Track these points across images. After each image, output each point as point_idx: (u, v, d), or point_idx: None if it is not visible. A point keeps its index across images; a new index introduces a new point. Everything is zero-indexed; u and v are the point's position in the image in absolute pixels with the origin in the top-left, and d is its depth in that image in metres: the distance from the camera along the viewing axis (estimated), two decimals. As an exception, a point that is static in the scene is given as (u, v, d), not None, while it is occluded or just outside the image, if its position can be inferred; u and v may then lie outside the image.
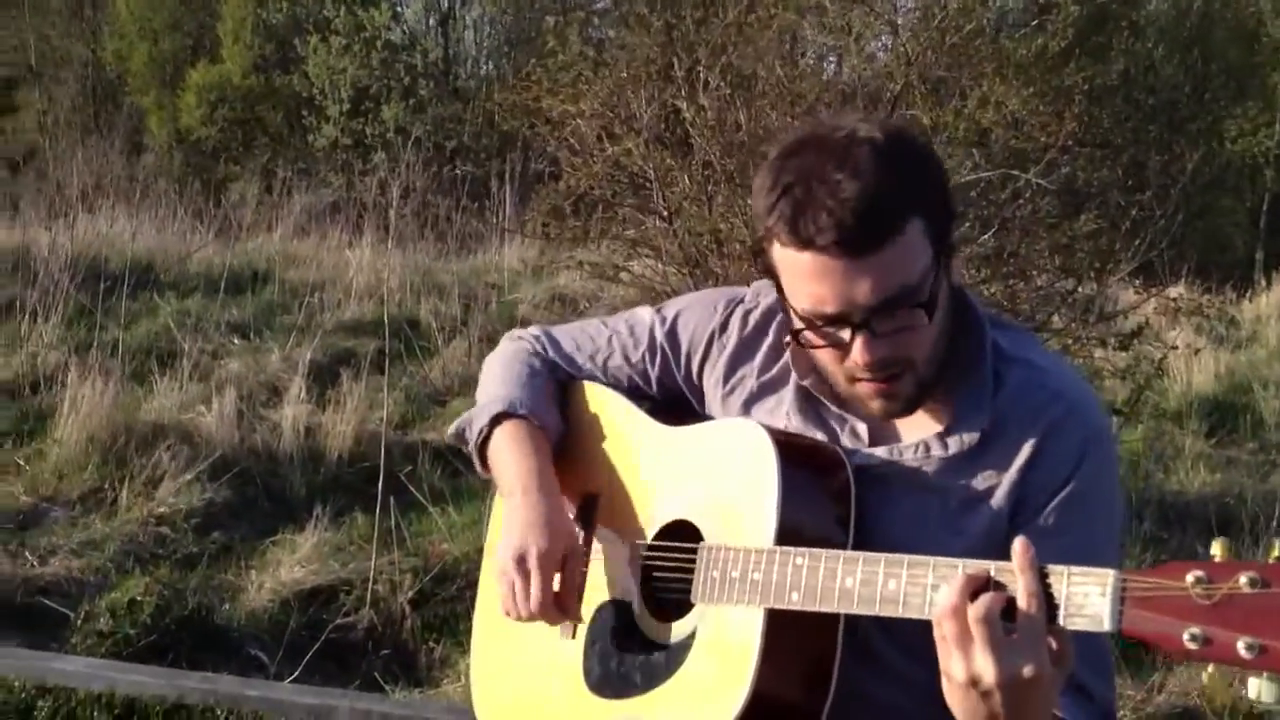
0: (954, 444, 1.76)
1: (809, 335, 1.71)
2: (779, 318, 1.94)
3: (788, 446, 1.76)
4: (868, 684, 1.75)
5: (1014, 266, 5.28)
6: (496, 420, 2.02)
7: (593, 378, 2.10)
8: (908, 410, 1.78)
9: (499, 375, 2.11)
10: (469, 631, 4.51)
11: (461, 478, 5.91)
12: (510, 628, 1.99)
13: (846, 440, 1.84)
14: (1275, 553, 1.33)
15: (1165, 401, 7.60)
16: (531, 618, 1.88)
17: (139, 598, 4.33)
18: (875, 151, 1.64)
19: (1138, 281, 6.13)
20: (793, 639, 1.68)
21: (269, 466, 5.81)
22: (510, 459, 1.98)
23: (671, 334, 2.03)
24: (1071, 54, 5.40)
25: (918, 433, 1.80)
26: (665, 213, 5.11)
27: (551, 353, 2.13)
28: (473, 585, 4.81)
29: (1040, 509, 1.73)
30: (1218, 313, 6.39)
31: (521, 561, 1.87)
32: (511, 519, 1.93)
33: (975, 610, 1.43)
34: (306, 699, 2.87)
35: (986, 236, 5.06)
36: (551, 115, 5.52)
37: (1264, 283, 13.80)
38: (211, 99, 20.03)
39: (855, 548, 1.70)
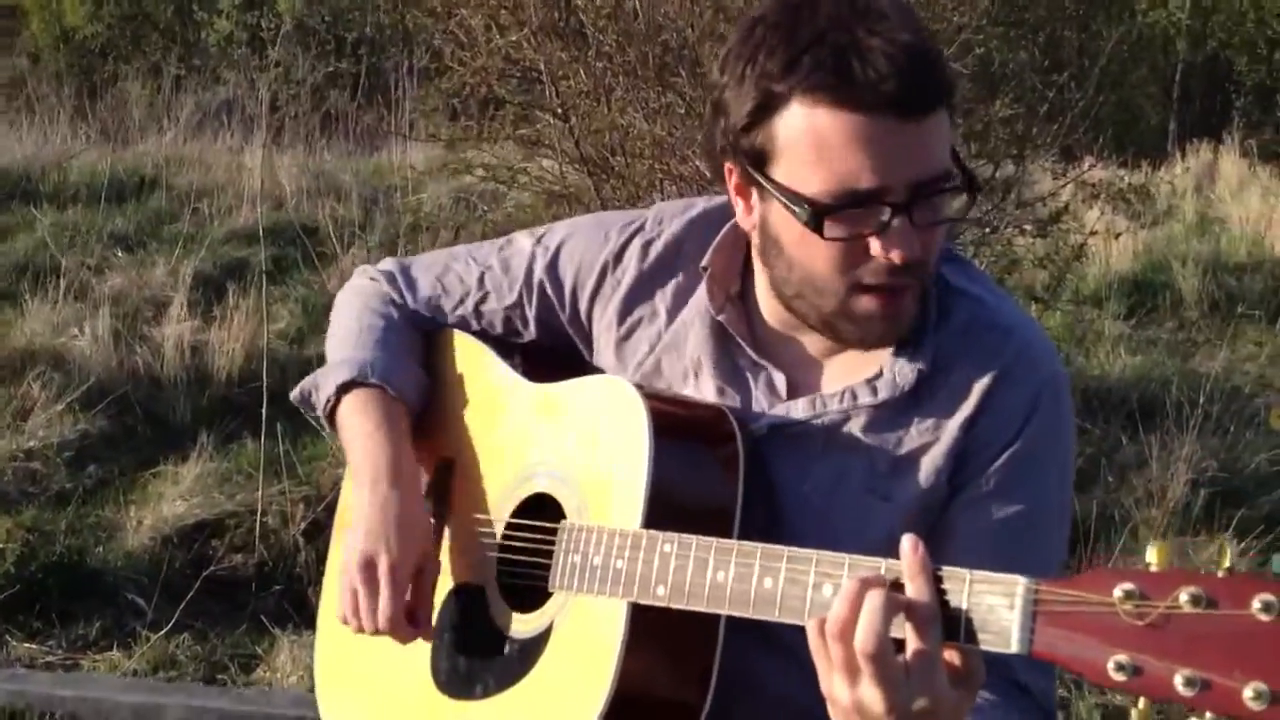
0: (885, 388, 1.49)
1: (830, 225, 1.39)
2: (685, 249, 1.64)
3: (665, 412, 1.50)
4: (765, 674, 1.51)
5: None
6: (346, 388, 1.73)
7: (461, 324, 1.81)
8: (904, 331, 1.49)
9: (351, 328, 1.80)
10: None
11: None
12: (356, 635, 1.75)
13: (761, 392, 1.57)
14: (1226, 561, 1.08)
15: (1084, 284, 7.47)
16: (375, 633, 1.62)
17: (1, 545, 4.01)
18: (905, 11, 1.39)
19: (1054, 163, 5.93)
20: (664, 636, 1.44)
21: (150, 391, 5.45)
22: (360, 441, 1.69)
23: (552, 266, 1.71)
24: (984, -74, 5.10)
25: (844, 379, 1.53)
26: (560, 109, 4.79)
27: (411, 300, 1.82)
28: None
29: (982, 469, 1.47)
30: (1136, 190, 6.20)
31: (369, 569, 1.60)
32: (361, 515, 1.65)
33: (862, 641, 1.19)
34: (131, 697, 2.60)
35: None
36: (434, 5, 5.14)
37: (1179, 155, 13.77)
38: (96, -6, 19.11)
39: (761, 522, 1.46)
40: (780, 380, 1.56)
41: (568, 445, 1.60)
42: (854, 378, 1.52)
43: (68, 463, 4.81)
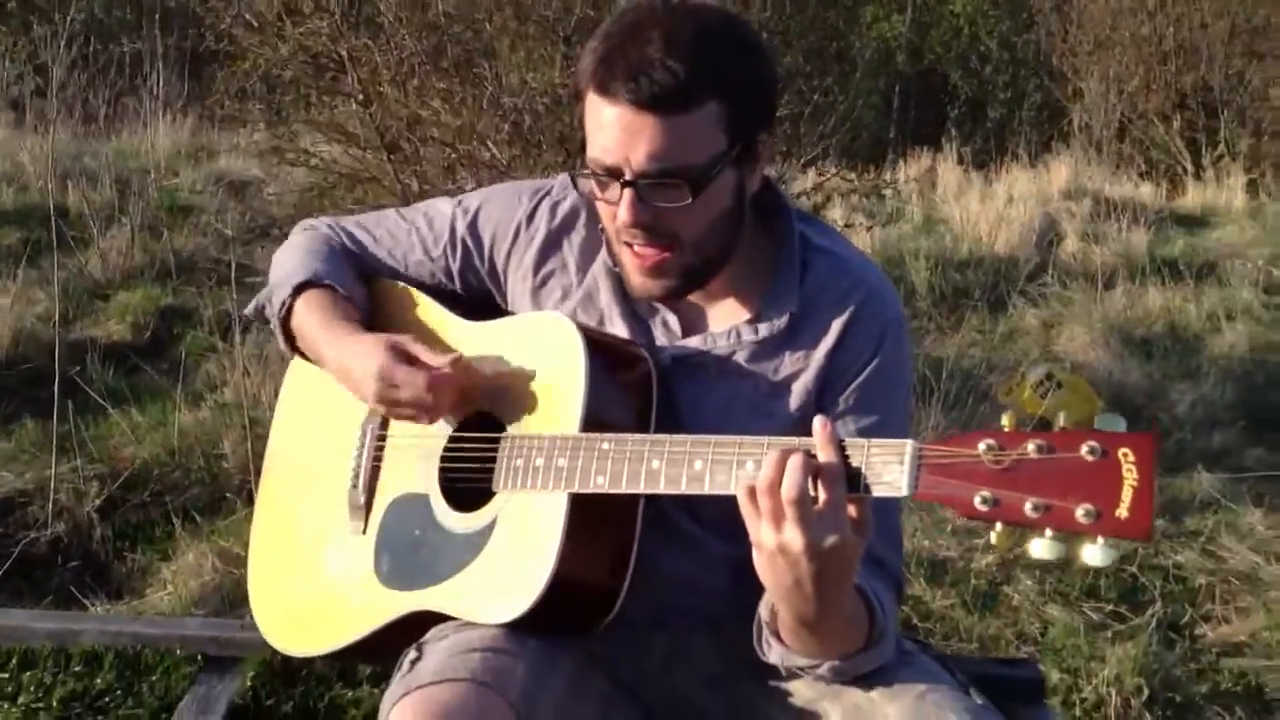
0: (764, 329, 1.83)
1: (582, 182, 1.77)
2: (585, 210, 1.93)
3: (594, 340, 1.77)
4: (663, 558, 1.80)
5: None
6: (299, 290, 1.95)
7: (393, 274, 2.04)
8: (670, 293, 1.82)
9: (298, 254, 2.02)
10: (167, 538, 4.27)
11: (141, 375, 5.59)
12: (292, 524, 1.92)
13: (659, 331, 1.88)
14: (1060, 422, 1.43)
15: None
16: (440, 401, 1.81)
17: None
18: (698, 24, 1.69)
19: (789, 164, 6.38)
20: (595, 523, 1.71)
21: (-86, 377, 5.29)
22: (318, 326, 1.92)
23: (473, 226, 1.99)
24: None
25: (728, 321, 1.86)
26: (361, 97, 4.92)
27: (348, 242, 2.06)
28: (166, 490, 4.58)
29: (841, 390, 1.83)
30: (880, 192, 6.76)
31: (387, 374, 1.81)
32: (350, 359, 1.86)
33: (788, 489, 1.49)
34: (46, 624, 2.67)
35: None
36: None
37: (901, 163, 14.72)
38: None
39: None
40: (673, 320, 1.88)
41: (508, 368, 1.83)
42: (736, 319, 1.86)
43: None
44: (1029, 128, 18.59)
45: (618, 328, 1.89)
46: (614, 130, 1.68)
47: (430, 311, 1.99)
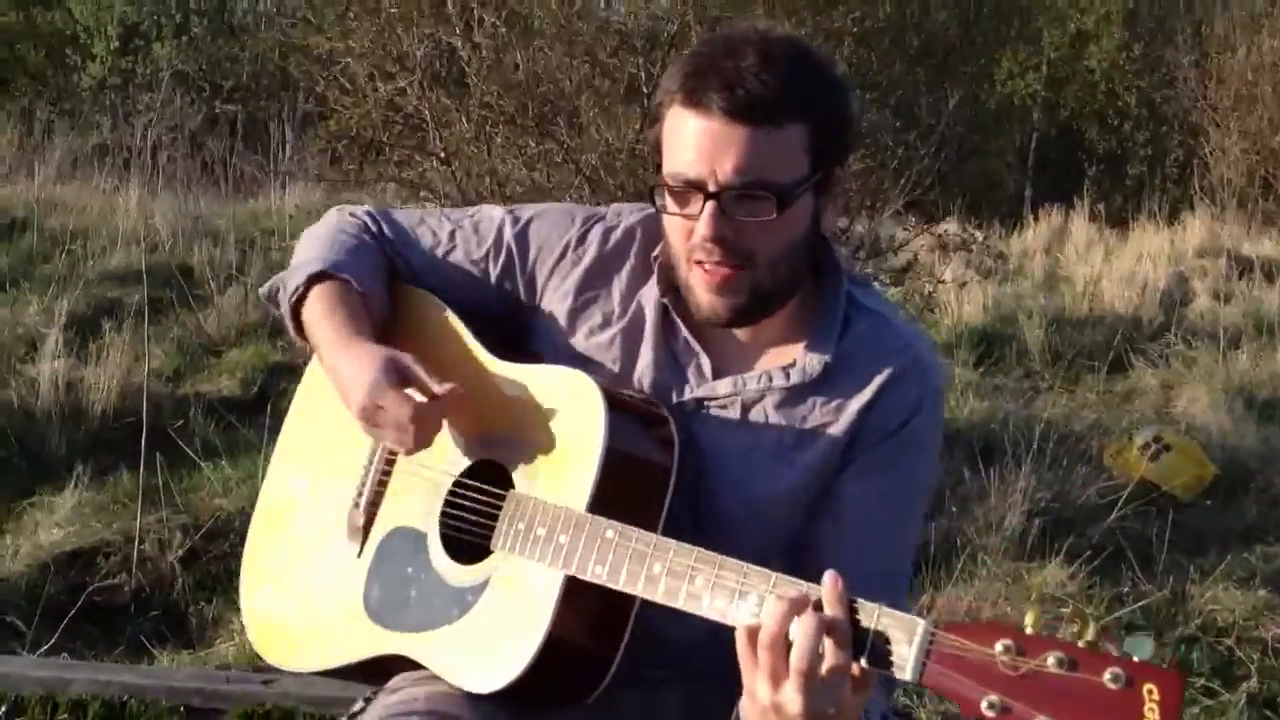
0: (796, 374, 1.79)
1: (661, 197, 1.73)
2: (639, 240, 1.90)
3: (619, 408, 1.72)
4: (650, 623, 1.73)
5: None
6: (314, 281, 1.86)
7: (428, 269, 1.95)
8: (738, 313, 1.76)
9: (321, 242, 1.93)
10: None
11: (237, 431, 5.70)
12: (288, 538, 1.90)
13: (691, 372, 1.83)
14: (1088, 636, 1.32)
15: (936, 333, 7.87)
16: (425, 431, 1.74)
17: (-121, 570, 4.04)
18: (791, 47, 1.72)
19: (911, 219, 6.31)
20: (591, 601, 1.65)
21: (25, 425, 5.47)
22: (330, 321, 1.83)
23: (522, 235, 1.93)
24: (840, -4, 5.49)
25: (764, 365, 1.82)
26: (443, 154, 4.99)
27: (386, 229, 1.97)
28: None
29: (870, 448, 1.77)
30: (985, 247, 6.63)
31: (375, 397, 1.73)
32: (348, 373, 1.78)
33: (799, 658, 1.41)
34: (40, 672, 2.71)
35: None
36: (320, 53, 5.32)
37: (1032, 219, 14.43)
38: (-35, 38, 18.75)
39: (690, 477, 1.72)
40: (706, 364, 1.83)
41: (524, 421, 1.77)
42: (772, 364, 1.81)
43: (-58, 494, 4.83)
44: (1171, 184, 18.10)
45: (648, 361, 1.83)
46: (701, 141, 1.66)
47: (457, 334, 1.89)
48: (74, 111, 16.17)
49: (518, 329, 1.94)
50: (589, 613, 1.66)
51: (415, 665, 1.77)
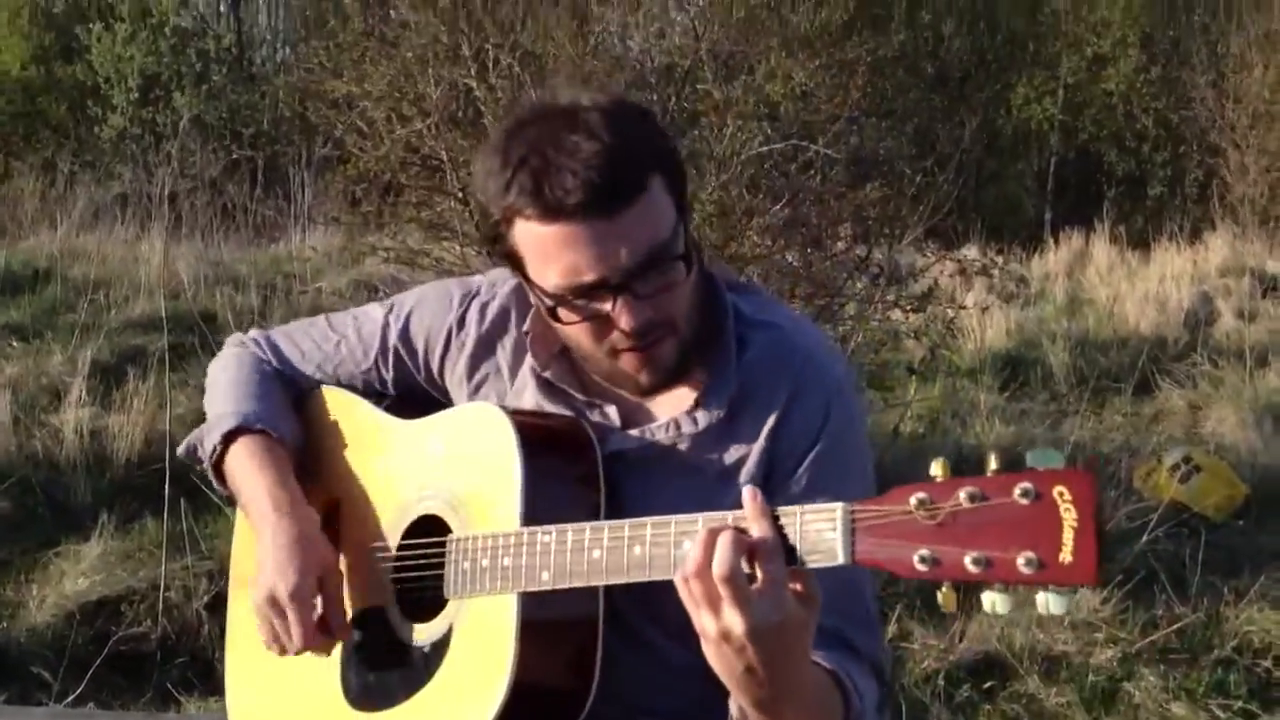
0: (703, 419, 1.73)
1: (564, 313, 1.65)
2: (514, 313, 1.86)
3: (529, 426, 1.69)
4: (632, 665, 1.71)
5: (808, 235, 5.36)
6: (231, 436, 1.87)
7: (325, 383, 1.98)
8: (671, 378, 1.72)
9: (229, 385, 1.96)
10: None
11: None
12: (263, 649, 1.89)
13: (599, 423, 1.77)
14: (991, 464, 1.30)
15: (960, 359, 7.83)
16: (300, 652, 1.77)
17: (-95, 623, 4.05)
18: (604, 114, 1.61)
19: (932, 245, 6.29)
20: (551, 623, 1.62)
21: (50, 474, 5.49)
22: (250, 481, 1.83)
23: (404, 334, 1.91)
24: (853, 27, 5.50)
25: (668, 410, 1.76)
26: (460, 194, 5.01)
27: (277, 363, 1.99)
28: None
29: (791, 472, 1.71)
30: (1006, 271, 6.60)
31: (274, 602, 1.75)
32: (260, 552, 1.79)
33: (718, 568, 1.40)
34: None
35: (779, 207, 5.11)
36: (337, 98, 5.35)
37: (1052, 242, 14.39)
38: (-13, 91, 18.98)
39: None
40: (613, 411, 1.77)
41: (445, 467, 1.76)
42: (677, 408, 1.75)
43: (-31, 544, 4.84)
44: (1191, 204, 18.04)
45: None
46: (581, 248, 1.58)
47: (364, 414, 1.92)
48: (95, 162, 16.33)
49: (429, 400, 1.93)
50: (552, 629, 1.63)
51: None
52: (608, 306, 1.62)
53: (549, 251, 1.60)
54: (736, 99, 5.16)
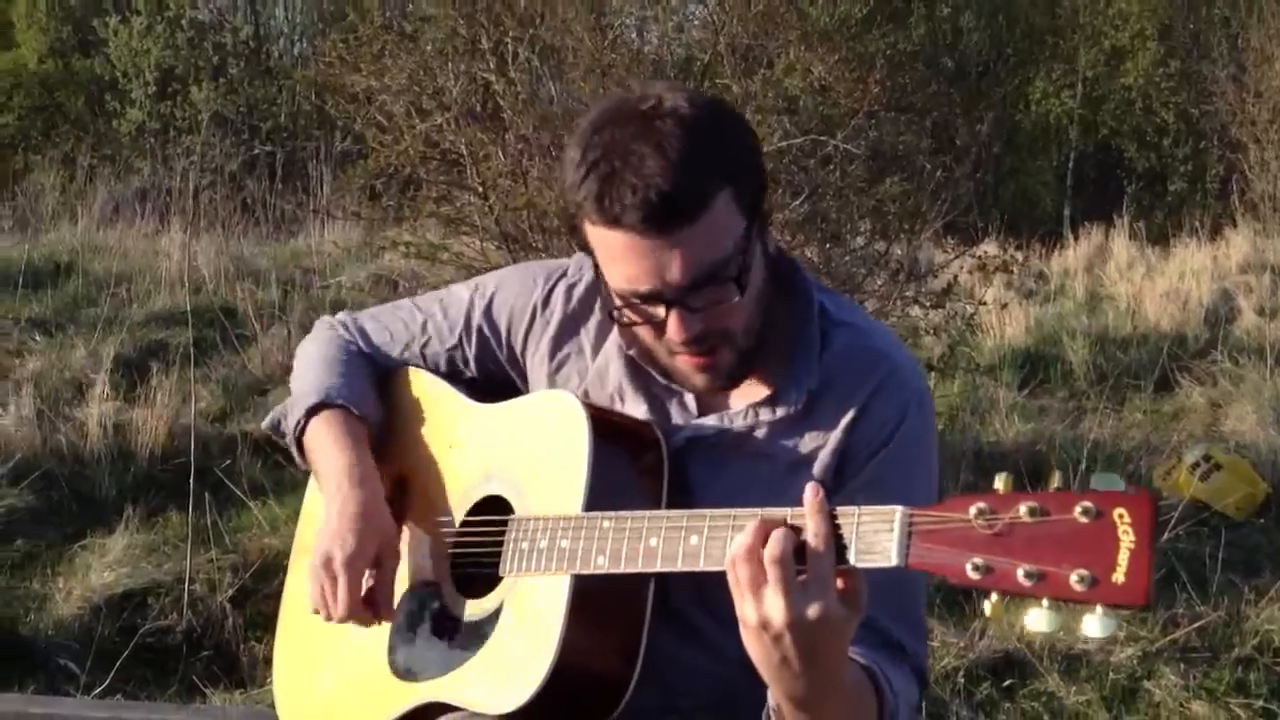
0: (781, 408, 1.78)
1: (626, 313, 1.70)
2: (603, 292, 1.89)
3: (601, 419, 1.74)
4: (678, 654, 1.74)
5: (827, 230, 5.37)
6: (313, 411, 1.95)
7: (411, 363, 2.05)
8: (731, 382, 1.78)
9: (315, 363, 2.04)
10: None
11: (284, 470, 5.72)
12: (315, 630, 1.92)
13: (675, 411, 1.83)
14: (1054, 483, 1.34)
15: (979, 355, 7.82)
16: (342, 620, 1.82)
17: (-65, 615, 4.08)
18: (681, 123, 1.62)
19: (951, 241, 6.29)
20: (600, 607, 1.66)
21: (74, 468, 5.53)
22: (327, 452, 1.91)
23: (489, 313, 1.98)
24: (872, 21, 5.50)
25: (746, 399, 1.80)
26: (480, 189, 5.03)
27: (364, 345, 2.07)
28: (296, 579, 4.70)
29: (862, 466, 1.75)
30: (1025, 268, 6.59)
31: (329, 564, 1.81)
32: (327, 518, 1.86)
33: (769, 552, 1.43)
34: (97, 713, 2.73)
35: (798, 202, 5.12)
36: (356, 92, 5.37)
37: (1072, 238, 14.33)
38: (6, 86, 19.05)
39: None
40: (691, 400, 1.83)
41: (516, 451, 1.82)
42: (755, 397, 1.79)
43: (-6, 537, 4.88)
44: (1212, 200, 17.94)
45: (632, 408, 1.85)
46: (638, 259, 1.63)
47: (443, 395, 1.98)
48: (114, 157, 16.40)
49: (507, 382, 2.00)
50: (601, 613, 1.67)
51: (449, 710, 1.78)
52: (662, 313, 1.67)
53: (611, 254, 1.66)
54: (755, 93, 5.17)
